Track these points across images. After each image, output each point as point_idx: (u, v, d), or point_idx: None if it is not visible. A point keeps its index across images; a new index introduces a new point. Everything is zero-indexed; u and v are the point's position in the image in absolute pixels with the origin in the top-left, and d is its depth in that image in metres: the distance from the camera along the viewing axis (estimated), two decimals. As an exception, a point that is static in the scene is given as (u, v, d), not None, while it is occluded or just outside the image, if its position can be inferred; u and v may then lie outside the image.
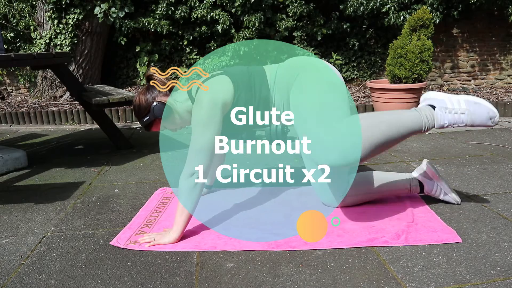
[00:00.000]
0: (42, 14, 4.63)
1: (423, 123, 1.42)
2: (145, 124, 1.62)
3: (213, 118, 1.48)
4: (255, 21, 4.32)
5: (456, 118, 1.42)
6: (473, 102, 1.43)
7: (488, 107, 1.42)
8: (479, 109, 1.42)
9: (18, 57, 2.41)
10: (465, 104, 1.43)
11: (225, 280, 1.26)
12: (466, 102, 1.44)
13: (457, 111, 1.42)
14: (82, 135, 3.57)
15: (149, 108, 1.59)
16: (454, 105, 1.43)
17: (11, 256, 1.45)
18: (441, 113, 1.43)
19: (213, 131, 1.48)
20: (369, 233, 1.50)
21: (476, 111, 1.42)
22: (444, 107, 1.43)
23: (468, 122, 1.43)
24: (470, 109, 1.42)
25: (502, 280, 1.20)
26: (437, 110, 1.43)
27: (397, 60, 3.19)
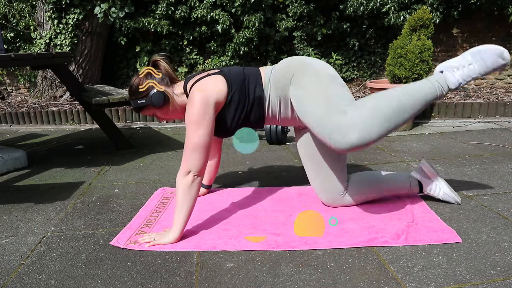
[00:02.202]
0: (42, 14, 4.63)
1: (436, 88, 1.42)
2: (138, 106, 1.63)
3: (205, 117, 1.50)
4: (255, 21, 4.32)
5: (466, 72, 1.42)
6: (477, 51, 1.42)
7: (492, 48, 1.40)
8: (485, 53, 1.40)
9: (18, 57, 2.41)
10: (470, 56, 1.43)
11: (225, 280, 1.26)
12: (470, 54, 1.43)
13: (464, 65, 1.42)
14: (82, 135, 3.57)
15: (147, 92, 1.60)
16: (460, 62, 1.44)
17: (11, 256, 1.45)
18: (450, 74, 1.44)
19: (206, 129, 1.50)
20: (369, 233, 1.50)
21: (483, 56, 1.40)
22: (450, 66, 1.44)
23: (481, 69, 1.41)
24: (476, 57, 1.42)
25: (502, 280, 1.20)
26: (446, 72, 1.45)
27: (397, 60, 3.19)
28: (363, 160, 2.51)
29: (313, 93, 1.49)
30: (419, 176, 1.76)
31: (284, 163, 2.52)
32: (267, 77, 1.62)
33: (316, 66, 1.56)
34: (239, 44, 4.49)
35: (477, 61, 1.41)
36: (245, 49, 4.51)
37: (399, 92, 1.42)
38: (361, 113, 1.36)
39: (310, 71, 1.55)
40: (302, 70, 1.56)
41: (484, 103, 3.69)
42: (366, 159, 2.53)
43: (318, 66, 1.57)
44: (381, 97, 1.41)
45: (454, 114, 3.71)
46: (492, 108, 3.67)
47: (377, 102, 1.39)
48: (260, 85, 1.60)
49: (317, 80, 1.51)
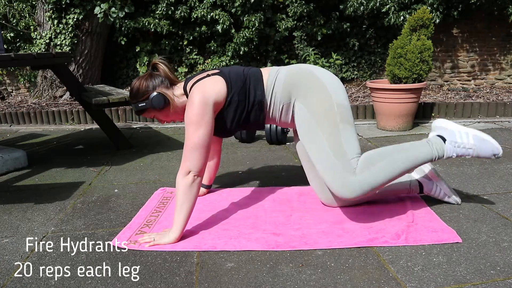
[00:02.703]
0: (42, 14, 4.63)
1: (433, 156, 1.52)
2: (139, 109, 1.64)
3: (204, 117, 1.50)
4: (255, 21, 4.32)
5: (463, 152, 1.52)
6: (481, 138, 1.51)
7: (493, 145, 1.51)
8: (485, 146, 1.51)
9: (18, 57, 2.41)
10: (473, 139, 1.51)
11: (225, 280, 1.26)
12: (474, 137, 1.51)
13: (465, 146, 1.51)
14: (82, 135, 3.57)
15: (148, 95, 1.61)
16: (463, 139, 1.52)
17: (11, 256, 1.45)
18: (451, 147, 1.52)
19: (206, 129, 1.50)
20: (369, 233, 1.50)
21: (482, 148, 1.51)
22: (454, 141, 1.52)
23: (473, 155, 1.53)
24: (477, 145, 1.51)
25: (502, 280, 1.20)
26: (448, 144, 1.52)
27: (397, 60, 3.19)
28: (363, 160, 2.51)
29: (321, 128, 1.51)
30: (419, 176, 1.76)
31: (284, 163, 2.52)
32: (270, 80, 1.60)
33: (326, 85, 1.55)
34: (239, 44, 4.48)
35: (476, 149, 1.52)
36: (245, 49, 4.51)
37: (402, 157, 1.50)
38: (368, 177, 1.46)
39: (319, 88, 1.54)
40: (312, 85, 1.55)
41: (484, 103, 3.69)
42: (366, 159, 2.52)
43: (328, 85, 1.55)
44: (386, 161, 1.49)
45: (454, 114, 3.71)
46: (492, 108, 3.67)
47: (381, 167, 1.47)
48: (262, 88, 1.59)
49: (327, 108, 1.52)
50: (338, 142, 1.49)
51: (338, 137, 1.49)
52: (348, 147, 1.49)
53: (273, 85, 1.59)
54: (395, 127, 3.30)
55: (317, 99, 1.54)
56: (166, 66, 1.65)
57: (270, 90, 1.60)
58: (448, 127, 1.55)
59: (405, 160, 1.49)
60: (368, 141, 3.02)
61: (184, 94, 1.65)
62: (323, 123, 1.51)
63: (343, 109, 1.53)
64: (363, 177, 1.45)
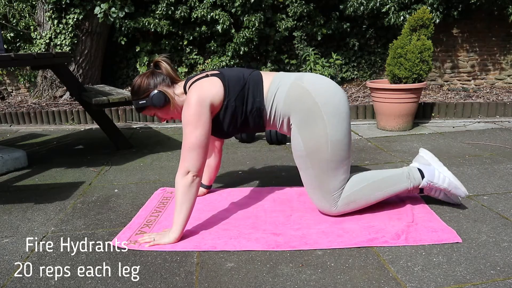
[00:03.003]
0: (42, 14, 4.63)
1: (409, 186, 1.67)
2: (139, 106, 1.65)
3: (201, 117, 1.50)
4: (255, 21, 4.32)
5: (433, 189, 1.70)
6: (454, 186, 1.65)
7: (463, 193, 1.67)
8: (455, 192, 1.67)
9: (18, 57, 2.41)
10: (447, 185, 1.66)
11: (225, 280, 1.26)
12: (449, 183, 1.65)
13: (439, 186, 1.67)
14: (82, 135, 3.57)
15: (148, 93, 1.61)
16: (439, 181, 1.66)
17: (11, 256, 1.45)
18: (426, 184, 1.67)
19: (203, 130, 1.50)
20: (369, 233, 1.50)
21: (452, 193, 1.68)
22: (430, 181, 1.66)
23: (441, 197, 1.72)
24: (450, 190, 1.66)
25: (502, 280, 1.20)
26: (424, 181, 1.67)
27: (397, 60, 3.19)
28: (363, 160, 2.51)
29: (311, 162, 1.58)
30: (417, 164, 1.73)
31: (284, 163, 2.52)
32: (271, 90, 1.58)
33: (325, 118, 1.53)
34: (239, 44, 4.48)
35: (445, 193, 1.71)
36: (245, 49, 4.51)
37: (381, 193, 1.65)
38: (346, 208, 1.64)
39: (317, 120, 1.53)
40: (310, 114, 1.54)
41: (484, 103, 3.69)
42: (366, 159, 2.53)
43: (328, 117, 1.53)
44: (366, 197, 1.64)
45: (454, 114, 3.71)
46: (492, 108, 3.67)
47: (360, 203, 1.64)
48: (261, 95, 1.58)
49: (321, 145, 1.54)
50: (325, 179, 1.58)
51: (325, 174, 1.57)
52: (333, 184, 1.59)
53: (273, 96, 1.59)
54: (395, 127, 3.30)
55: (312, 134, 1.54)
56: (168, 64, 1.65)
57: (271, 100, 1.59)
58: (431, 163, 1.70)
59: (383, 194, 1.66)
60: (368, 141, 3.02)
61: (184, 93, 1.65)
62: (313, 158, 1.57)
63: (336, 146, 1.54)
64: (342, 209, 1.63)
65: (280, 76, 1.63)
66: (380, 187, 1.64)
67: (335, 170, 1.57)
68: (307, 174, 1.62)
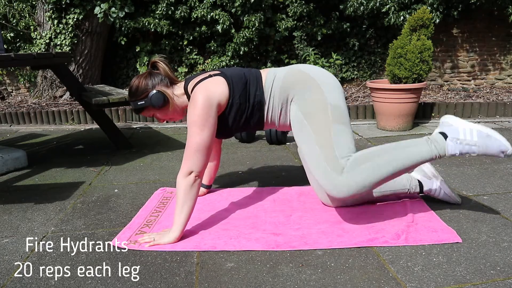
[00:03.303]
0: (42, 14, 4.63)
1: (433, 155, 1.43)
2: (138, 107, 1.64)
3: (208, 118, 1.49)
4: (255, 21, 4.32)
5: (467, 149, 1.42)
6: (485, 134, 1.41)
7: (500, 141, 1.40)
8: (490, 142, 1.40)
9: (18, 57, 2.41)
10: (477, 136, 1.42)
11: (225, 280, 1.26)
12: (478, 133, 1.42)
13: (468, 143, 1.41)
14: (82, 135, 3.57)
15: (147, 93, 1.61)
16: (466, 136, 1.42)
17: (11, 256, 1.45)
18: (452, 144, 1.42)
19: (209, 130, 1.50)
20: (369, 233, 1.50)
21: (488, 145, 1.40)
22: (456, 137, 1.42)
23: (479, 153, 1.42)
24: (482, 141, 1.41)
25: (502, 280, 1.20)
26: (449, 141, 1.42)
27: (397, 60, 3.19)
28: (363, 160, 2.50)
29: (313, 127, 1.50)
30: (419, 176, 1.76)
31: (284, 163, 2.52)
32: (268, 81, 1.60)
33: (321, 86, 1.54)
34: (239, 44, 4.48)
35: (481, 146, 1.41)
36: (245, 49, 4.51)
37: (396, 156, 1.43)
38: (356, 176, 1.41)
39: (314, 89, 1.53)
40: (307, 86, 1.54)
41: (484, 103, 3.69)
42: (366, 159, 2.52)
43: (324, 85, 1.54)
44: (378, 159, 1.43)
45: (454, 114, 3.70)
46: (492, 108, 3.67)
47: (373, 165, 1.41)
48: (261, 89, 1.59)
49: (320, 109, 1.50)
50: (329, 142, 1.47)
51: (329, 137, 1.47)
52: (339, 147, 1.46)
53: (271, 87, 1.59)
54: (395, 127, 3.30)
55: (310, 100, 1.53)
56: (165, 64, 1.65)
57: (268, 92, 1.60)
58: (453, 123, 1.45)
59: (399, 159, 1.42)
60: (368, 141, 3.02)
61: (185, 94, 1.65)
62: (315, 123, 1.50)
63: (337, 110, 1.51)
64: (350, 176, 1.41)
65: (274, 70, 1.65)
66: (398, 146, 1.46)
67: (338, 132, 1.48)
68: (309, 144, 1.51)
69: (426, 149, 1.43)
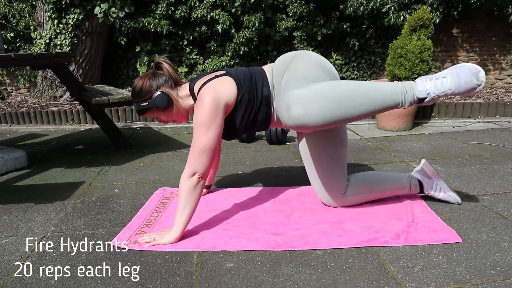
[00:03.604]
0: (42, 14, 4.63)
1: (400, 94, 1.38)
2: (141, 108, 1.61)
3: (215, 119, 1.48)
4: (255, 21, 4.32)
5: (438, 84, 1.36)
6: (454, 66, 1.39)
7: (470, 66, 1.35)
8: (461, 69, 1.36)
9: (18, 57, 2.41)
10: (447, 70, 1.40)
11: (225, 280, 1.26)
12: (448, 68, 1.40)
13: (438, 77, 1.37)
14: (82, 135, 3.57)
15: (151, 94, 1.58)
16: (435, 74, 1.40)
17: (11, 256, 1.45)
18: (421, 81, 1.38)
19: (215, 132, 1.48)
20: (369, 233, 1.50)
21: (459, 72, 1.36)
22: (425, 77, 1.39)
23: (452, 85, 1.36)
24: (452, 71, 1.36)
25: (502, 280, 1.20)
26: (418, 80, 1.40)
27: (397, 60, 3.19)
28: (363, 160, 2.51)
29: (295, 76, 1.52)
30: (419, 175, 1.76)
31: (284, 163, 2.52)
32: (269, 74, 1.60)
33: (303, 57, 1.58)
34: (239, 44, 4.48)
35: (451, 75, 1.36)
36: (245, 49, 4.51)
37: (360, 85, 1.42)
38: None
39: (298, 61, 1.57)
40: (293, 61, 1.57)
41: (484, 103, 3.69)
42: (366, 159, 2.53)
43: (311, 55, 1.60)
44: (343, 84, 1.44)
45: (454, 114, 3.71)
46: (492, 108, 3.67)
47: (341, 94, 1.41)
48: (267, 84, 1.59)
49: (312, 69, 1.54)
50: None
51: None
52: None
53: (272, 80, 1.59)
54: (395, 127, 3.30)
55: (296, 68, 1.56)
56: (170, 65, 1.62)
57: (272, 84, 1.59)
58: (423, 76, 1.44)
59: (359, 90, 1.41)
60: (368, 141, 3.02)
61: (190, 95, 1.63)
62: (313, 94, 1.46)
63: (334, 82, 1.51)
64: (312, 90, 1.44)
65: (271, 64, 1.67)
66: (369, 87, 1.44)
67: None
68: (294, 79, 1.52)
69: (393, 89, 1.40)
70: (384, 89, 1.41)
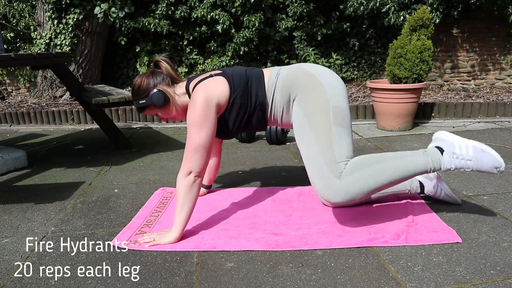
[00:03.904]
0: (42, 14, 4.63)
1: (428, 168, 1.45)
2: (139, 106, 1.64)
3: (207, 118, 1.49)
4: (255, 21, 4.32)
5: (462, 164, 1.44)
6: (480, 150, 1.44)
7: (494, 157, 1.43)
8: (485, 158, 1.43)
9: (18, 57, 2.41)
10: (472, 151, 1.44)
11: (225, 280, 1.26)
12: (473, 149, 1.44)
13: (464, 157, 1.44)
14: (82, 135, 3.57)
15: (148, 92, 1.61)
16: (462, 151, 1.45)
17: (11, 256, 1.45)
18: (449, 158, 1.45)
19: (208, 131, 1.50)
20: (369, 233, 1.50)
21: (483, 160, 1.43)
22: (452, 151, 1.45)
23: (473, 168, 1.45)
24: (477, 157, 1.43)
25: (502, 280, 1.20)
26: (445, 155, 1.45)
27: (397, 60, 3.19)
28: (363, 160, 2.50)
29: (313, 129, 1.49)
30: (420, 177, 1.76)
31: (284, 163, 2.52)
32: (271, 81, 1.59)
33: (325, 86, 1.53)
34: (239, 44, 4.49)
35: (476, 161, 1.43)
36: (245, 49, 4.51)
37: (393, 165, 1.45)
38: (353, 182, 1.43)
39: (317, 90, 1.52)
40: (310, 87, 1.53)
41: (484, 103, 3.69)
42: (366, 159, 2.52)
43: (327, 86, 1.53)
44: (376, 166, 1.44)
45: (454, 114, 3.71)
46: (492, 108, 3.67)
47: (369, 173, 1.43)
48: (263, 89, 1.59)
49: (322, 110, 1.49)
50: (328, 144, 1.46)
51: (329, 139, 1.47)
52: (338, 150, 1.46)
53: (274, 87, 1.59)
54: (395, 127, 3.30)
55: (312, 100, 1.52)
56: (168, 63, 1.65)
57: (272, 92, 1.59)
58: (448, 139, 1.49)
59: (396, 168, 1.44)
60: (368, 141, 3.02)
61: (186, 93, 1.65)
62: (315, 124, 1.50)
63: (338, 112, 1.50)
64: (348, 181, 1.42)
65: (277, 69, 1.64)
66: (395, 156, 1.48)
67: (338, 134, 1.48)
68: (308, 145, 1.50)
69: (422, 160, 1.45)
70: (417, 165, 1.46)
